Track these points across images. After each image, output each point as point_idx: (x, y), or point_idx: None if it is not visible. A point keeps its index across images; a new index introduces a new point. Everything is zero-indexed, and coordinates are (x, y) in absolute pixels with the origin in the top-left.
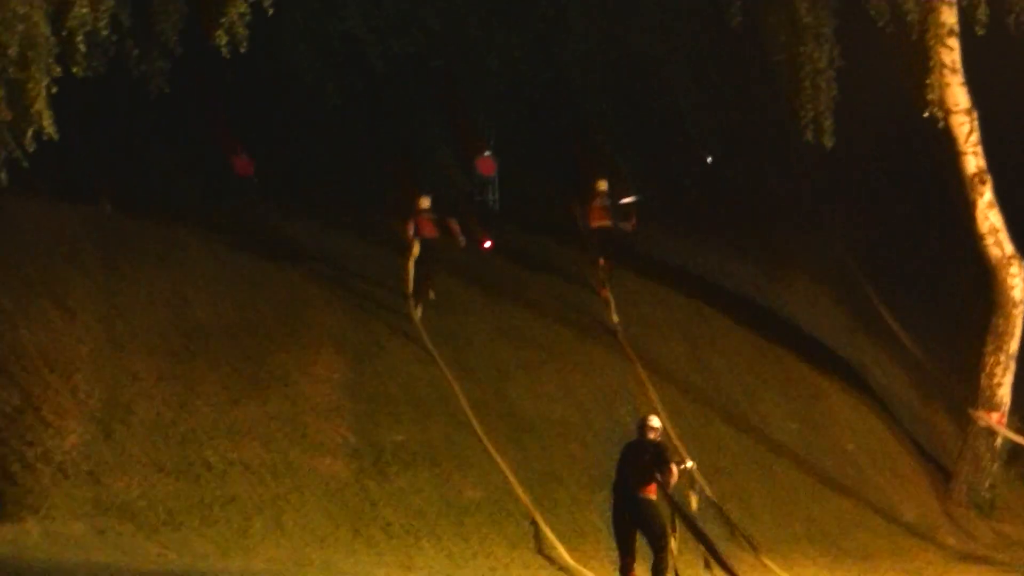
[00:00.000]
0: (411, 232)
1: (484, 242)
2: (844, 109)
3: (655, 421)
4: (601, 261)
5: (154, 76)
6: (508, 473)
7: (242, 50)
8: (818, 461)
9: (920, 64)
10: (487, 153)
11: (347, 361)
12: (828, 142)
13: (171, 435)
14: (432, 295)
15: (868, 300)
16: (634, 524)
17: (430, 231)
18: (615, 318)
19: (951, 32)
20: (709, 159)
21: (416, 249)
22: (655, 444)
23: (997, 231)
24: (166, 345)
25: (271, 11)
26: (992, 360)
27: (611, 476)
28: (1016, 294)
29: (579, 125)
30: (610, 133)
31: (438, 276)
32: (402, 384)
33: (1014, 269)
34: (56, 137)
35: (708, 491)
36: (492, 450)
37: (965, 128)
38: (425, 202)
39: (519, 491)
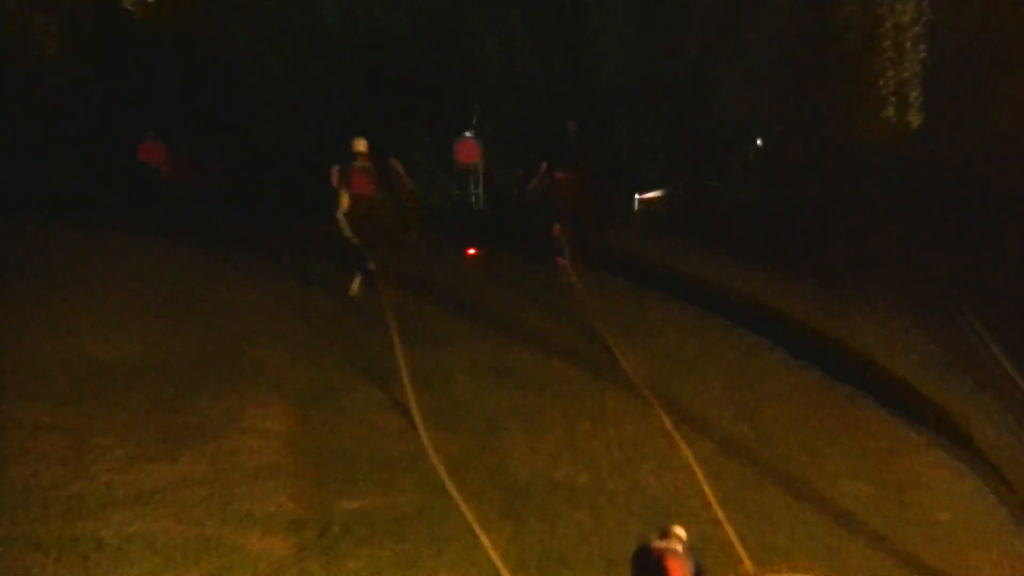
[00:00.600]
0: (336, 180)
1: (467, 249)
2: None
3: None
4: (557, 228)
5: (41, 35)
6: (494, 553)
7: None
8: (901, 536)
9: None
10: (468, 134)
11: (287, 407)
12: (915, 119)
13: (52, 501)
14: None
15: (969, 328)
16: None
17: (363, 186)
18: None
19: None
20: (759, 141)
21: (345, 202)
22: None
23: None
24: (49, 386)
25: None
26: None
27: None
28: None
29: (600, 121)
30: (638, 130)
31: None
32: (359, 437)
33: None
34: None
35: None
36: (474, 522)
37: None
38: (361, 144)
39: None
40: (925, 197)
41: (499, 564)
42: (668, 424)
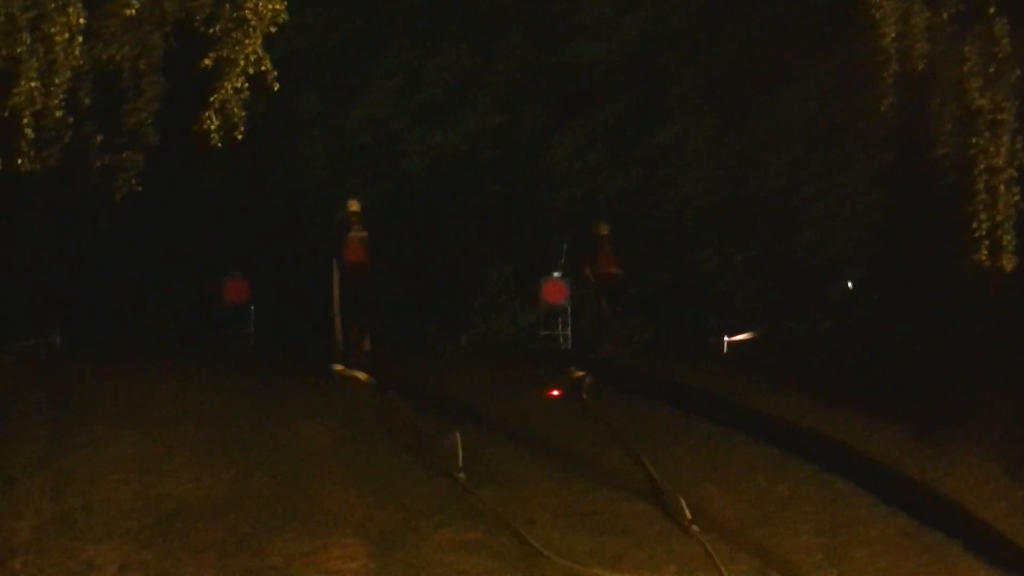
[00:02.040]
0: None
1: (550, 391)
2: None
3: None
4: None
5: (122, 170)
6: None
7: (239, 137)
8: None
9: None
10: (556, 275)
11: (369, 548)
12: (1008, 264)
13: None
14: (367, 346)
15: None
16: None
17: (357, 255)
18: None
19: None
20: (850, 284)
21: (336, 277)
22: None
23: None
24: (131, 525)
25: (276, 87)
26: None
27: None
28: None
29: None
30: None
31: (375, 319)
32: None
33: None
34: None
35: None
36: None
37: None
38: (354, 205)
39: None
40: (1018, 340)
41: None
42: (756, 569)
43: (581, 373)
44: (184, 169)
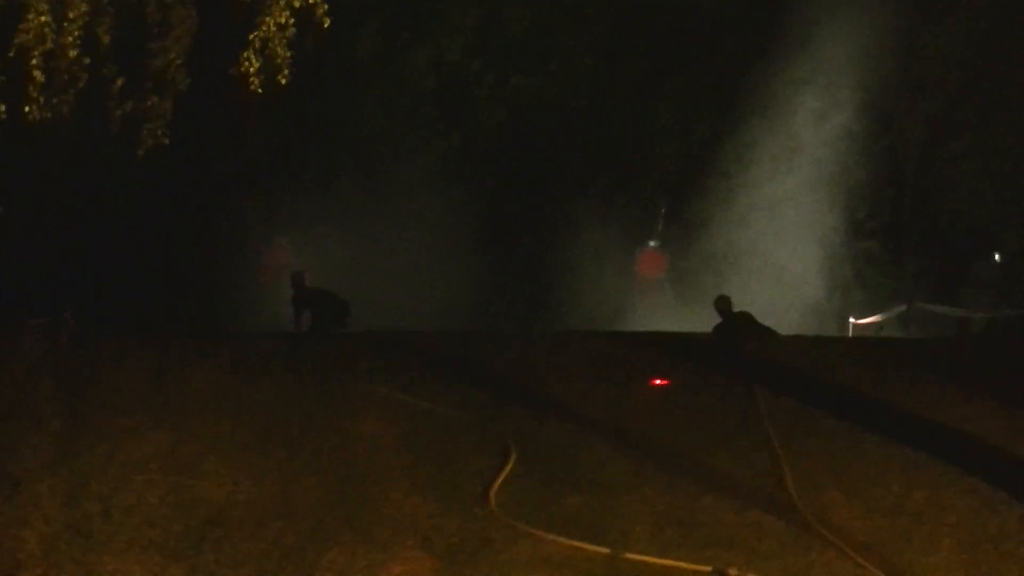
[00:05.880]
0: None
1: (653, 379)
2: None
3: None
4: None
5: (148, 120)
6: None
7: (283, 81)
8: None
9: None
10: (652, 244)
11: (435, 562)
12: None
13: None
14: None
15: None
16: None
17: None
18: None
19: None
20: (996, 256)
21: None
22: None
23: None
24: (157, 535)
25: (327, 23)
26: None
27: None
28: None
29: None
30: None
31: None
32: None
33: None
34: None
35: None
36: None
37: None
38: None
39: None
40: None
41: None
42: None
43: None
44: (219, 121)
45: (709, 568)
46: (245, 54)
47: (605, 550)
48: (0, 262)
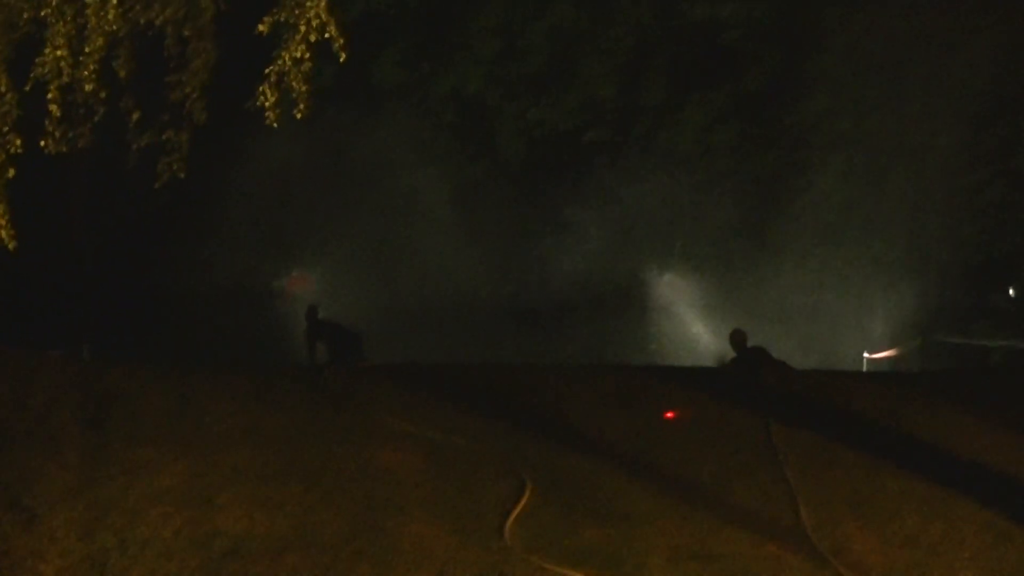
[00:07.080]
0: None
1: (666, 412)
2: None
3: None
4: None
5: (165, 153)
6: None
7: (299, 117)
8: None
9: None
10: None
11: None
12: None
13: None
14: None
15: None
16: None
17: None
18: None
19: None
20: (1011, 291)
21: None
22: None
23: None
24: (173, 568)
25: (344, 56)
26: None
27: None
28: None
29: None
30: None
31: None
32: None
33: None
34: (13, 247)
35: None
36: None
37: None
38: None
39: None
40: None
41: None
42: None
43: None
44: (236, 153)
45: None
46: (261, 88)
47: None
48: (19, 294)
